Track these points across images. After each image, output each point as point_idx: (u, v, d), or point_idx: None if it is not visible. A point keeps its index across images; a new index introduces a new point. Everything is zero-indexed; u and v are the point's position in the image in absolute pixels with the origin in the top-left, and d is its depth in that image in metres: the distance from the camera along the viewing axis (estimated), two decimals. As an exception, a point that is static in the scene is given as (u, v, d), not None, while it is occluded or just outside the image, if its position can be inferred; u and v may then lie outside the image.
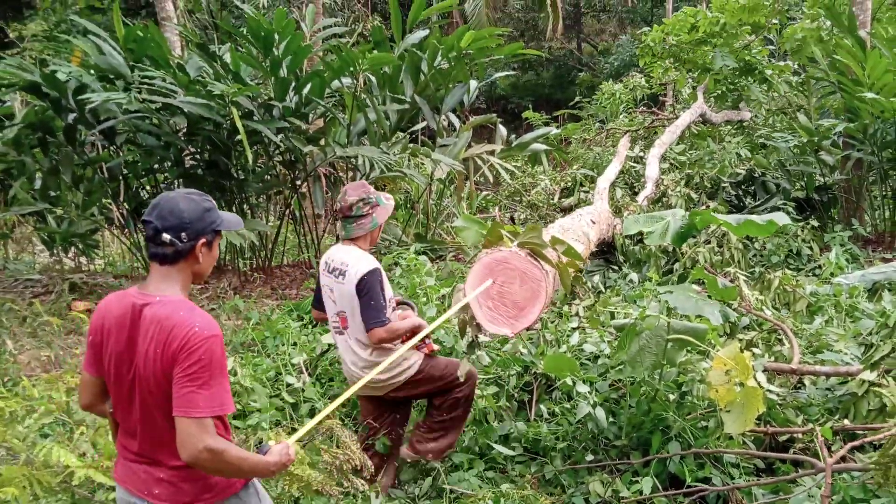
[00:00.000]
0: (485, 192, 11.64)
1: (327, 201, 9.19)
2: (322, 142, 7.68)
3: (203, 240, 2.20)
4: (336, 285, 3.57)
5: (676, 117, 12.16)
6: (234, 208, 7.93)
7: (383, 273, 3.54)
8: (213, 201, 2.29)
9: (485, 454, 4.04)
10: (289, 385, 4.62)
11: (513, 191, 11.75)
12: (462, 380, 3.69)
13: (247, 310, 6.56)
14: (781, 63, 11.89)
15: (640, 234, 5.60)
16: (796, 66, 12.29)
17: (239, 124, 6.38)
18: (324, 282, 3.67)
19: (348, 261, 3.53)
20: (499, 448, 3.96)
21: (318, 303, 3.81)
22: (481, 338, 4.78)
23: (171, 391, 2.09)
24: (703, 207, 8.26)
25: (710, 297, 4.00)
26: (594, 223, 6.62)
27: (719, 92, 12.40)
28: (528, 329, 4.54)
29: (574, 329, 5.10)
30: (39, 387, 3.92)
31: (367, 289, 3.44)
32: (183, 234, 2.16)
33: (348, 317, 3.56)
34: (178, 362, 2.07)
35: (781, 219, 4.08)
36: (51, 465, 3.17)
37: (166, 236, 2.15)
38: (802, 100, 11.62)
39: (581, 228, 6.12)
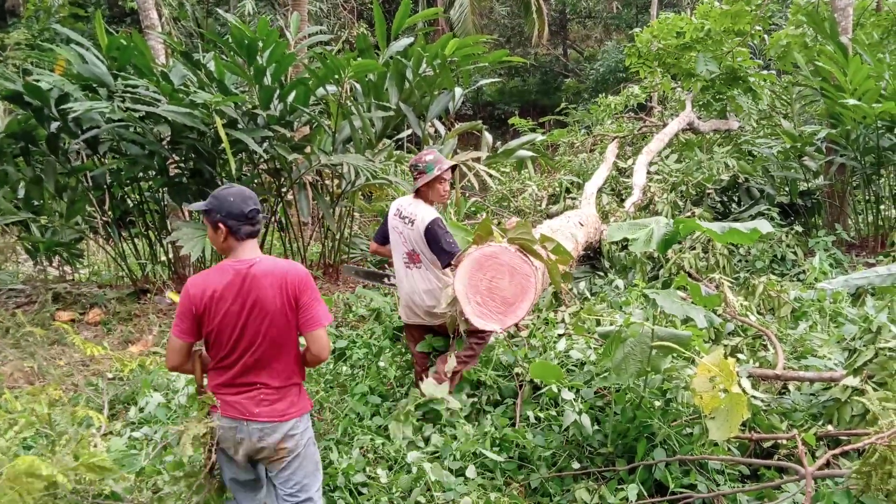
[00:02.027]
0: (472, 199, 11.66)
1: (313, 209, 9.18)
2: (307, 150, 7.68)
3: None
4: (406, 229, 4.39)
5: (664, 124, 12.24)
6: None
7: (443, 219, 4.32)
8: None
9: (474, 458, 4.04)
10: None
11: (500, 197, 11.77)
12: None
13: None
14: (766, 72, 11.97)
15: (626, 240, 5.64)
16: (777, 73, 12.38)
17: (222, 133, 6.37)
18: (393, 224, 4.49)
19: (416, 212, 4.38)
20: (489, 454, 3.96)
21: (381, 238, 4.67)
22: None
23: (292, 318, 2.93)
24: (689, 214, 8.31)
25: (694, 303, 4.02)
26: (582, 225, 6.65)
27: (706, 100, 12.47)
28: (516, 325, 4.58)
29: (560, 336, 5.11)
30: (22, 399, 3.88)
31: (432, 234, 4.25)
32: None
33: (420, 254, 4.35)
34: (302, 293, 2.92)
35: (765, 227, 4.11)
36: (34, 476, 3.14)
37: (262, 216, 2.99)
38: (786, 106, 11.71)
39: (569, 229, 6.15)
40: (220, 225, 2.94)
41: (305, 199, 7.83)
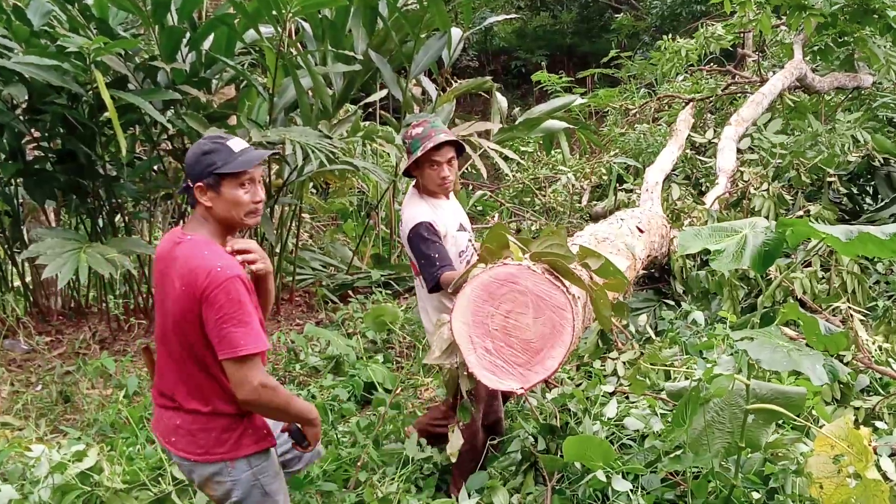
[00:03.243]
0: (479, 193, 11.69)
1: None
2: (231, 120, 7.67)
3: (200, 184, 3.19)
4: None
5: (762, 80, 12.25)
6: (101, 220, 7.89)
7: (436, 219, 4.56)
8: (223, 142, 3.25)
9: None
10: (177, 483, 4.58)
11: (520, 190, 11.78)
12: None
13: (119, 373, 6.50)
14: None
15: (707, 252, 5.62)
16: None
17: (106, 96, 6.36)
18: None
19: (403, 211, 4.76)
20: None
21: None
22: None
23: (196, 329, 3.11)
24: (801, 213, 8.31)
25: (808, 345, 4.00)
26: (641, 232, 6.61)
27: (824, 45, 12.46)
28: (546, 382, 4.55)
29: (610, 395, 5.10)
30: None
31: (413, 245, 4.54)
32: (189, 180, 3.22)
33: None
34: (207, 304, 3.05)
35: (913, 230, 4.10)
36: None
37: (183, 185, 3.27)
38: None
39: (622, 238, 6.10)
40: None
41: (229, 193, 7.81)
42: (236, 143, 3.25)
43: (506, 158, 9.21)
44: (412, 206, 4.67)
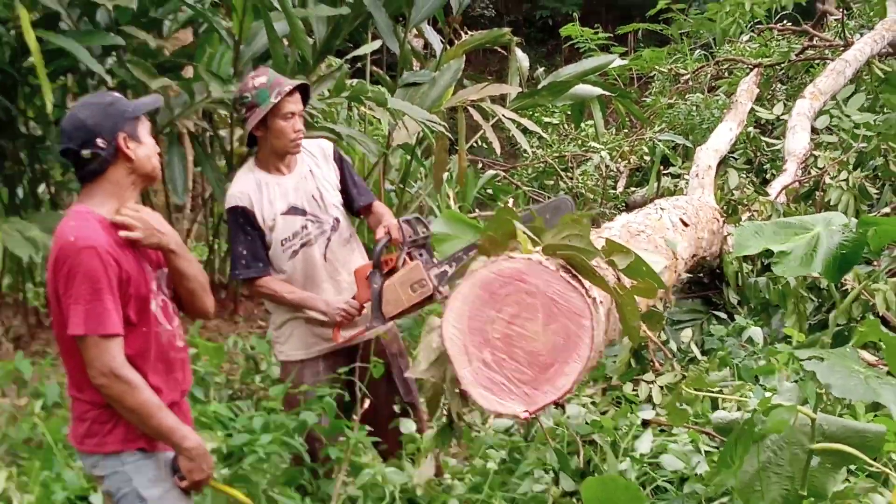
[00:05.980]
0: (490, 172, 11.67)
1: (195, 181, 9.12)
2: (187, 72, 7.65)
3: (122, 135, 3.46)
4: None
5: (847, 45, 12.22)
6: (21, 189, 7.88)
7: (259, 204, 4.91)
8: (113, 94, 3.73)
9: None
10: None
11: (541, 170, 11.77)
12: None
13: (37, 379, 6.49)
14: None
15: (770, 254, 5.61)
16: None
17: (31, 37, 6.36)
18: None
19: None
20: None
21: None
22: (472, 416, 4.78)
23: (59, 307, 3.44)
24: (888, 210, 8.30)
25: (890, 373, 4.00)
26: (686, 226, 6.59)
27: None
28: (557, 405, 4.53)
29: (643, 426, 5.09)
30: None
31: (228, 227, 5.10)
32: (99, 141, 3.43)
33: None
34: (59, 278, 3.40)
35: None
36: None
37: (86, 152, 3.42)
38: None
39: (661, 232, 6.09)
40: None
41: (180, 162, 7.80)
42: (120, 94, 3.74)
43: (525, 131, 9.22)
44: (237, 181, 5.07)
